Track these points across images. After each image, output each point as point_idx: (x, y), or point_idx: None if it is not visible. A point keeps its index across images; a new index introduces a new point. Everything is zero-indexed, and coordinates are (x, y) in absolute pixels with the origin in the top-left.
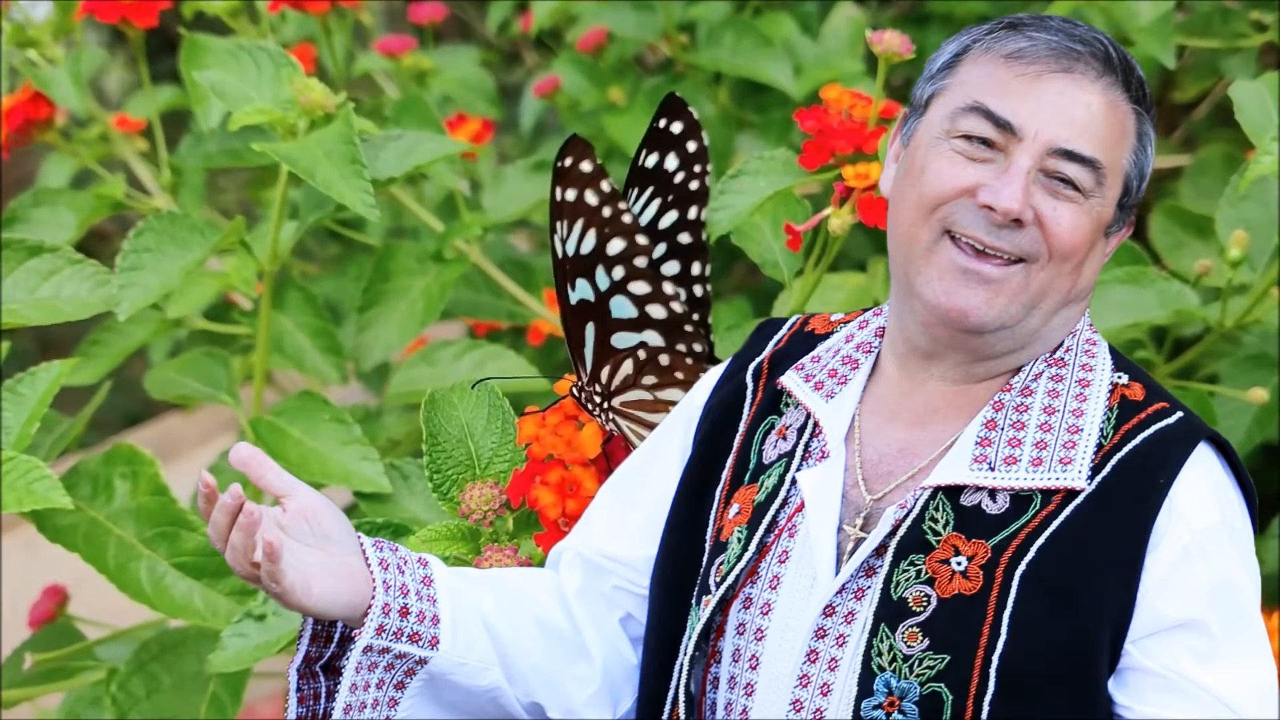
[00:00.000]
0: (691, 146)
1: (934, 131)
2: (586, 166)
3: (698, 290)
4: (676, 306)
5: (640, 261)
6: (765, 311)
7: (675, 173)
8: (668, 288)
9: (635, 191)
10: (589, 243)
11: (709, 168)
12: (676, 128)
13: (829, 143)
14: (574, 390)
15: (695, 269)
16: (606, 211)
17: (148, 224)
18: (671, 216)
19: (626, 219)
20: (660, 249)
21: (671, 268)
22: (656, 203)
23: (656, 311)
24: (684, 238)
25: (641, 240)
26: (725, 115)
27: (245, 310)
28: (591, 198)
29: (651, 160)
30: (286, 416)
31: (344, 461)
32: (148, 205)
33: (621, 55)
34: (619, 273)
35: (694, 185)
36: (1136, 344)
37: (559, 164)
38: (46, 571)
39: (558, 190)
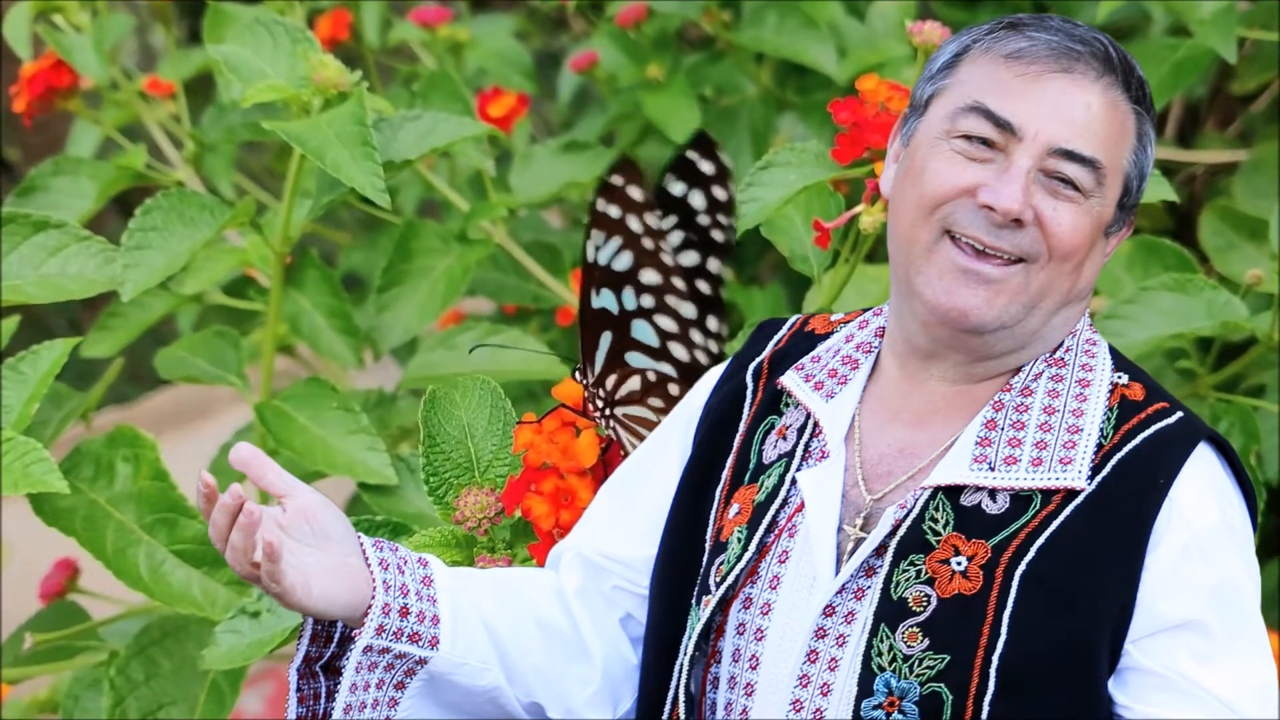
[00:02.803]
0: (720, 194)
1: (934, 131)
2: (636, 194)
3: (713, 347)
4: (700, 356)
5: (671, 300)
6: (800, 300)
7: (699, 214)
8: (695, 335)
9: (659, 213)
10: (624, 261)
11: (734, 222)
12: (707, 168)
13: (863, 136)
14: (576, 375)
15: (711, 323)
16: (648, 243)
17: (155, 201)
18: (692, 258)
19: (667, 260)
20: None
21: (688, 310)
22: (679, 234)
23: (679, 351)
24: (702, 286)
25: (678, 284)
26: (766, 96)
27: (264, 287)
28: (634, 224)
29: (677, 189)
30: (293, 402)
31: (349, 451)
32: (169, 177)
33: (662, 31)
34: (648, 301)
35: (718, 236)
36: (1180, 353)
37: (608, 179)
38: (60, 540)
39: (601, 201)
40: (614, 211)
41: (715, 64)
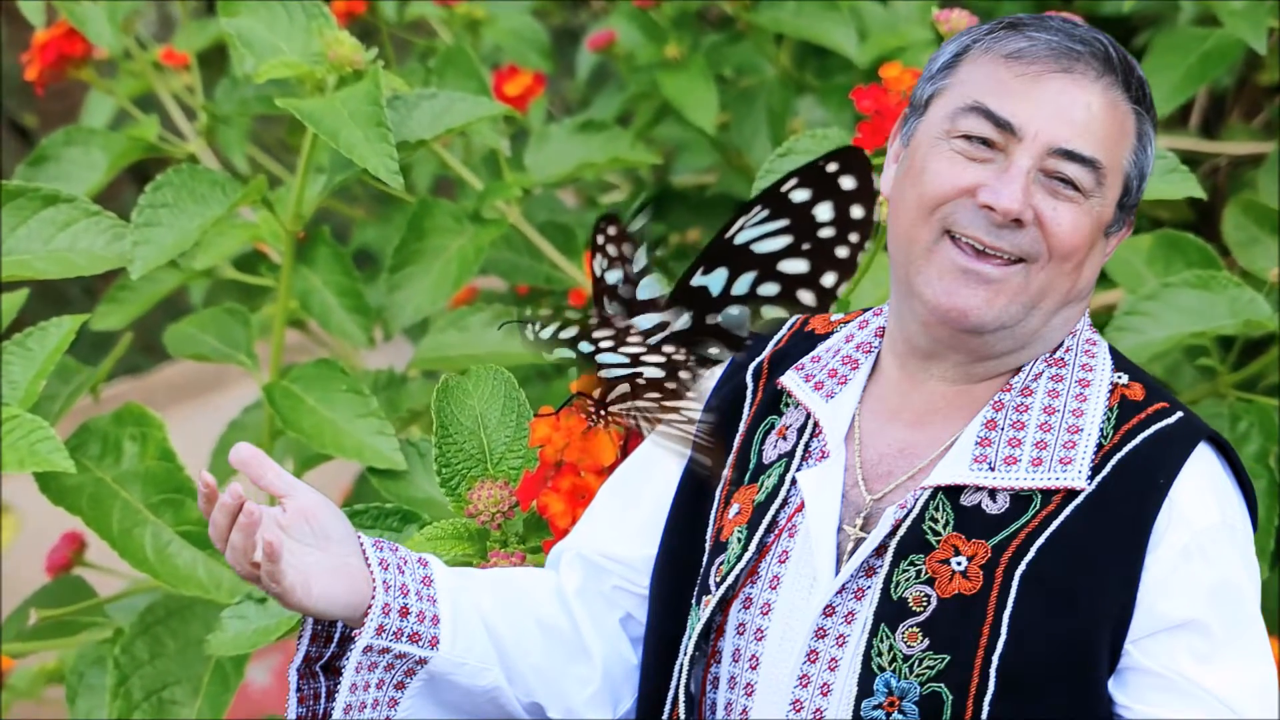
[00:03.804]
0: (857, 212)
1: (934, 131)
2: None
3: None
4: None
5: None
6: None
7: (823, 225)
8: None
9: (763, 210)
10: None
11: (867, 244)
12: (847, 183)
13: (886, 125)
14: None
15: None
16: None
17: (166, 178)
18: (800, 266)
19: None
20: (773, 288)
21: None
22: (785, 239)
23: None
24: (805, 297)
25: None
26: (785, 78)
27: (276, 263)
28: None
29: (800, 195)
30: (302, 383)
31: (357, 434)
32: (181, 149)
33: (681, 10)
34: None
35: (842, 253)
36: (1200, 350)
37: (603, 225)
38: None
39: (599, 237)
40: (611, 250)
41: (734, 45)
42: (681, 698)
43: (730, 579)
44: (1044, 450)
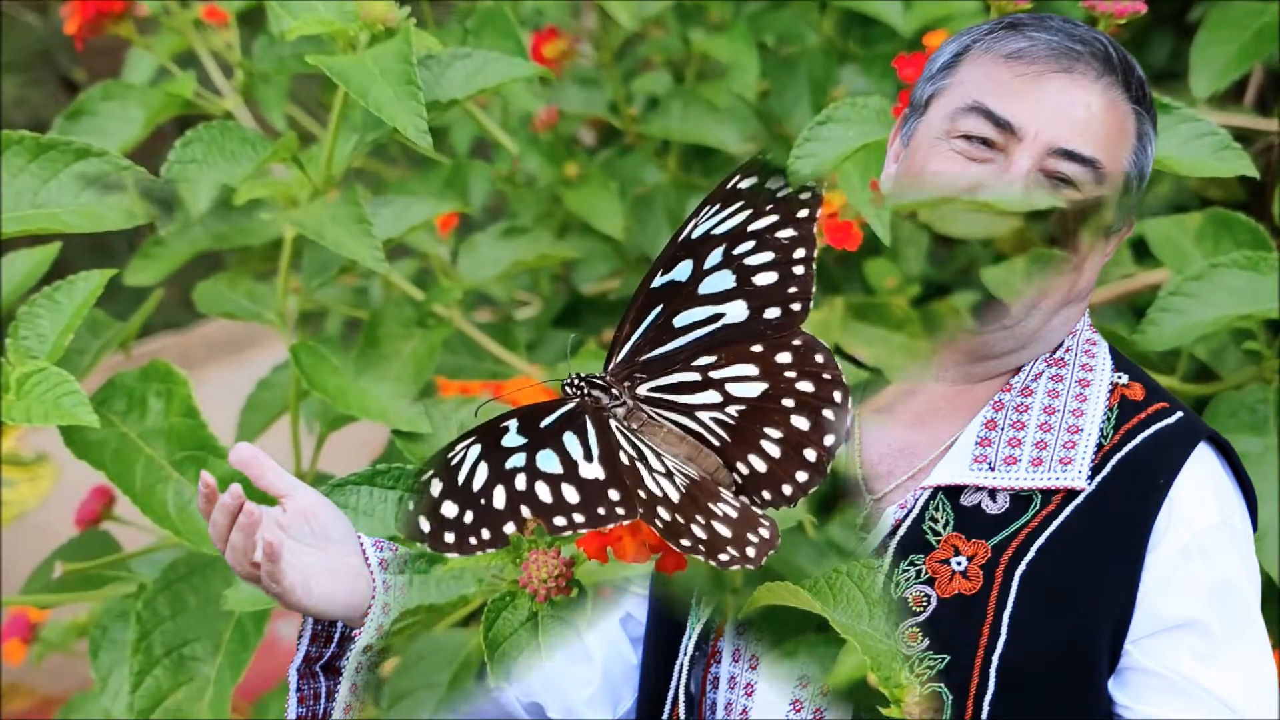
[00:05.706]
0: None
1: (934, 131)
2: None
3: None
4: None
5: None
6: None
7: None
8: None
9: None
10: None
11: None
12: None
13: None
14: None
15: None
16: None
17: (195, 134)
18: None
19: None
20: None
21: None
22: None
23: None
24: None
25: None
26: (828, 46)
27: None
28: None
29: None
30: (330, 344)
31: (381, 397)
32: (217, 105)
33: None
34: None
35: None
36: (1247, 334)
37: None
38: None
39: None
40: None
41: (777, 11)
42: (681, 697)
43: None
44: (1044, 450)
